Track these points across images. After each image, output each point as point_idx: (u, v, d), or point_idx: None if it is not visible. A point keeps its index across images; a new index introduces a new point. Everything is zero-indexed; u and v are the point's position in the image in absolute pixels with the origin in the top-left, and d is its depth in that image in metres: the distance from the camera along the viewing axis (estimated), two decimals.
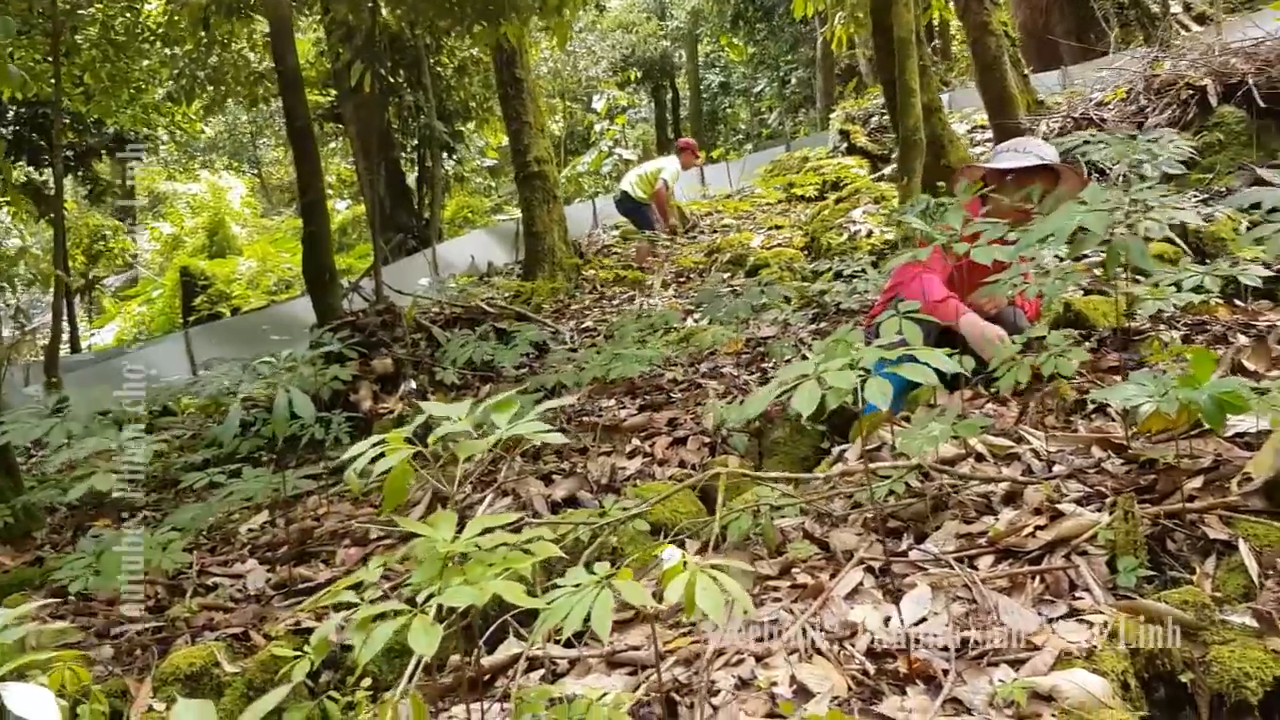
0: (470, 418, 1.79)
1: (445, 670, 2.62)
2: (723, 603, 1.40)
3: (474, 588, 1.42)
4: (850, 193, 9.66)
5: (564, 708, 1.56)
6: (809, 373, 1.81)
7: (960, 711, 1.88)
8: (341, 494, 4.22)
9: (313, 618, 2.89)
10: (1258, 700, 1.96)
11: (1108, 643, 1.99)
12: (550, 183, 10.41)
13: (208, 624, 3.13)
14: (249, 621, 3.08)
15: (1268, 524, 2.31)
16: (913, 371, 1.97)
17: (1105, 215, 2.50)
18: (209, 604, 3.27)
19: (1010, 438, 3.01)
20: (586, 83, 22.03)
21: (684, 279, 8.96)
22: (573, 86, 21.99)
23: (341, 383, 5.02)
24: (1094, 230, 2.49)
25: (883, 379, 1.75)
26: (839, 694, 1.99)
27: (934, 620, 2.19)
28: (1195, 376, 2.28)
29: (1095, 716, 1.80)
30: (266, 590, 3.39)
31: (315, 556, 3.63)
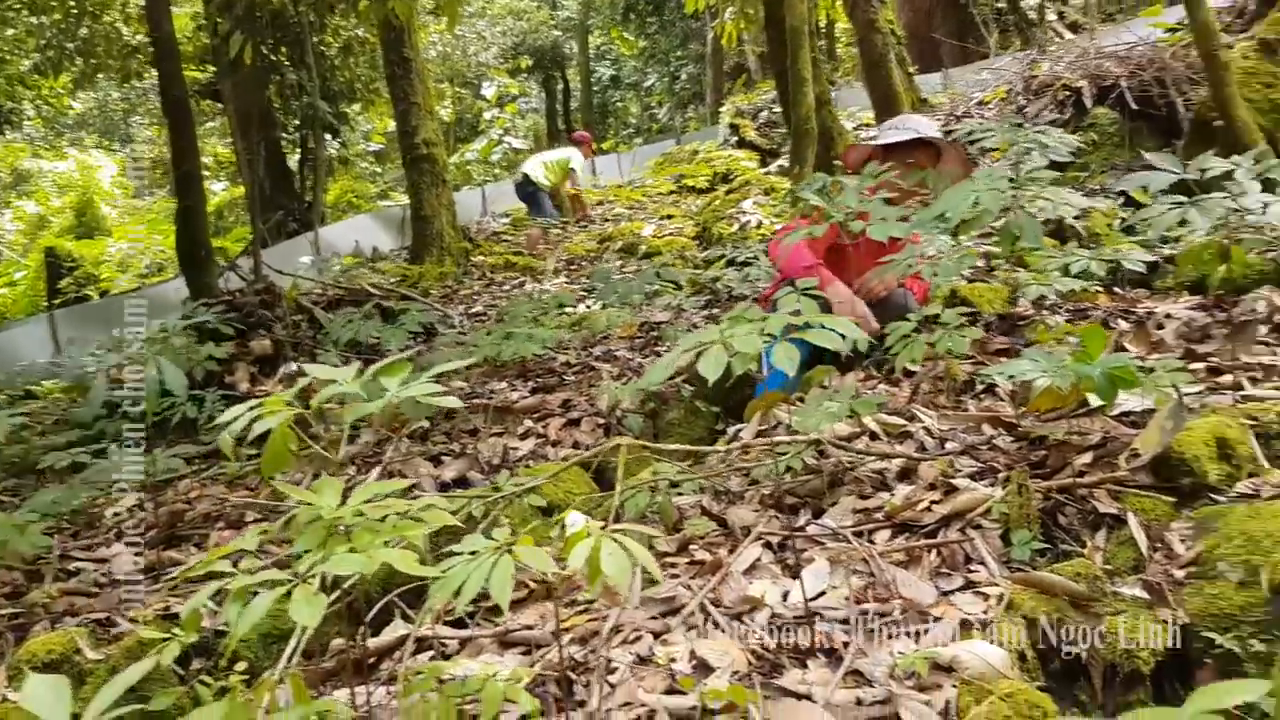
0: (357, 381, 1.69)
1: (327, 654, 2.51)
2: (629, 569, 1.34)
3: (362, 556, 1.33)
4: (740, 184, 9.71)
5: (456, 685, 1.47)
6: (714, 339, 1.75)
7: (861, 683, 1.86)
8: (215, 477, 4.03)
9: (182, 601, 2.73)
10: (1149, 670, 1.99)
11: (1005, 614, 1.99)
12: (439, 165, 10.21)
13: (69, 610, 2.93)
14: (113, 606, 2.90)
15: (1155, 498, 2.36)
16: (819, 337, 1.94)
17: (1001, 194, 2.52)
18: (70, 589, 3.07)
19: (903, 416, 3.01)
20: (476, 69, 21.74)
21: (575, 266, 8.88)
22: (462, 70, 21.66)
23: (216, 362, 4.82)
24: (990, 208, 2.50)
25: (790, 345, 1.71)
26: (739, 669, 1.95)
27: (833, 594, 2.17)
28: (1087, 353, 2.31)
29: (994, 687, 1.79)
30: (133, 575, 3.19)
31: (186, 540, 3.45)
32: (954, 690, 1.79)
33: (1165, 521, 2.29)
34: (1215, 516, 2.25)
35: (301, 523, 1.46)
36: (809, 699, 1.82)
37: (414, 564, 1.34)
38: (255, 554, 1.54)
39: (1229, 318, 3.66)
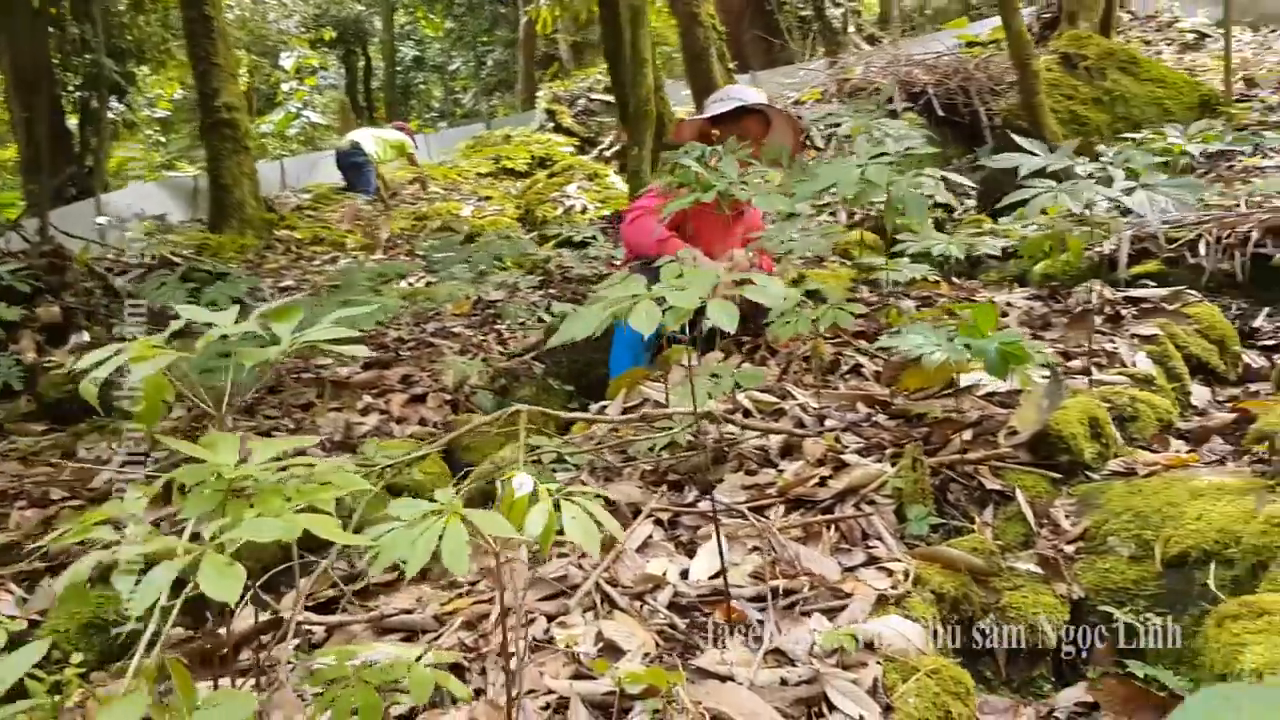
0: (242, 324, 1.46)
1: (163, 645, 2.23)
2: (597, 534, 1.19)
3: (280, 520, 1.12)
4: (563, 168, 9.57)
5: (374, 670, 1.28)
6: (640, 294, 1.62)
7: (784, 662, 1.76)
8: (7, 453, 3.58)
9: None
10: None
11: (913, 589, 1.94)
12: (241, 132, 9.62)
13: None
14: None
15: (1035, 475, 2.38)
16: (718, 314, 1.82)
17: (886, 168, 2.49)
18: None
19: (774, 394, 2.96)
20: (277, 37, 20.67)
21: (392, 244, 8.52)
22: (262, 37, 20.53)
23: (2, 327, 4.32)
24: (876, 181, 2.47)
25: (727, 303, 1.59)
26: (649, 650, 1.82)
27: (735, 571, 2.07)
28: (978, 329, 2.30)
29: (918, 663, 1.73)
30: None
31: None
32: (879, 668, 1.72)
33: (1048, 498, 2.31)
34: (1096, 493, 2.29)
35: (192, 484, 1.24)
36: (730, 680, 1.71)
37: (336, 529, 1.15)
38: (131, 521, 1.29)
39: (1065, 308, 3.81)
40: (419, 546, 1.09)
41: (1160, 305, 3.71)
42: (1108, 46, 7.28)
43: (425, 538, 1.10)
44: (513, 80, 28.95)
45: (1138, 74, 6.99)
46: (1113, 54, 7.13)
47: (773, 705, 1.64)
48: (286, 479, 1.23)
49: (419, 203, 10.71)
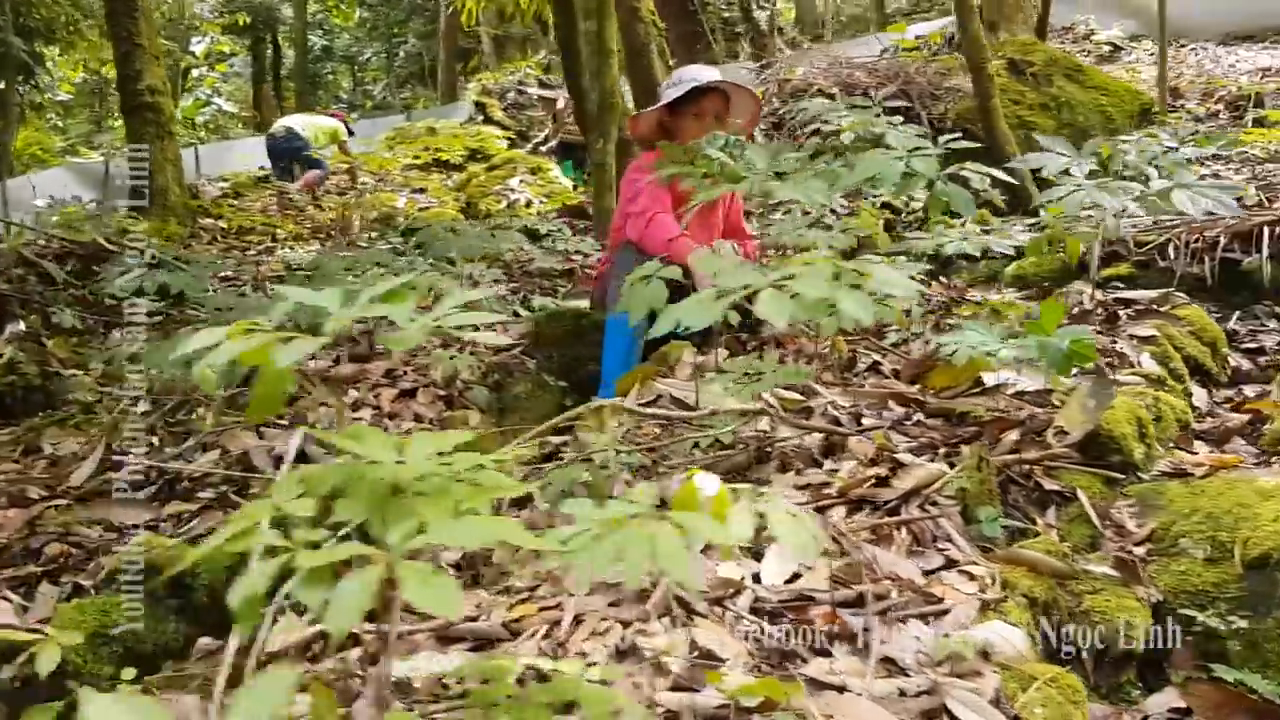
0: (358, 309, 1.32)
1: (194, 655, 2.06)
2: (811, 538, 1.09)
3: (479, 523, 1.00)
4: (504, 161, 9.40)
5: (541, 689, 1.15)
6: (764, 280, 1.52)
7: (894, 671, 1.68)
8: None
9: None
10: (1140, 650, 1.94)
11: (1008, 595, 1.88)
12: (165, 116, 9.22)
13: None
14: None
15: (1088, 475, 2.35)
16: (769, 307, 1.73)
17: (934, 160, 2.43)
18: None
19: (797, 391, 2.89)
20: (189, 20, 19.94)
21: (324, 235, 8.25)
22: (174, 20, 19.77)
23: None
24: (924, 173, 2.41)
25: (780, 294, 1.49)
26: (744, 658, 1.73)
27: (811, 575, 1.99)
28: (1042, 325, 2.25)
29: (1034, 670, 1.67)
30: None
31: None
32: (996, 676, 1.65)
33: (1109, 498, 2.28)
34: (1153, 494, 2.27)
35: (344, 485, 1.10)
36: (844, 690, 1.63)
37: (524, 534, 1.03)
38: (289, 523, 1.14)
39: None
40: (633, 553, 0.98)
41: (1151, 307, 3.74)
42: (1053, 54, 7.41)
43: (637, 544, 0.99)
44: (425, 73, 28.50)
45: (1082, 81, 7.12)
46: (1058, 61, 7.26)
47: (897, 718, 1.56)
48: (451, 478, 1.10)
49: (348, 193, 10.40)
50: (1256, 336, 3.99)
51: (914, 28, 10.93)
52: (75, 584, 2.26)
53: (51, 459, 3.06)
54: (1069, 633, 1.92)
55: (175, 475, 2.73)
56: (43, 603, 2.24)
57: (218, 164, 15.03)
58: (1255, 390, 3.40)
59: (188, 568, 2.38)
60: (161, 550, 2.33)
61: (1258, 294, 4.33)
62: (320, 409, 3.18)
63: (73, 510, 2.57)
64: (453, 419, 3.22)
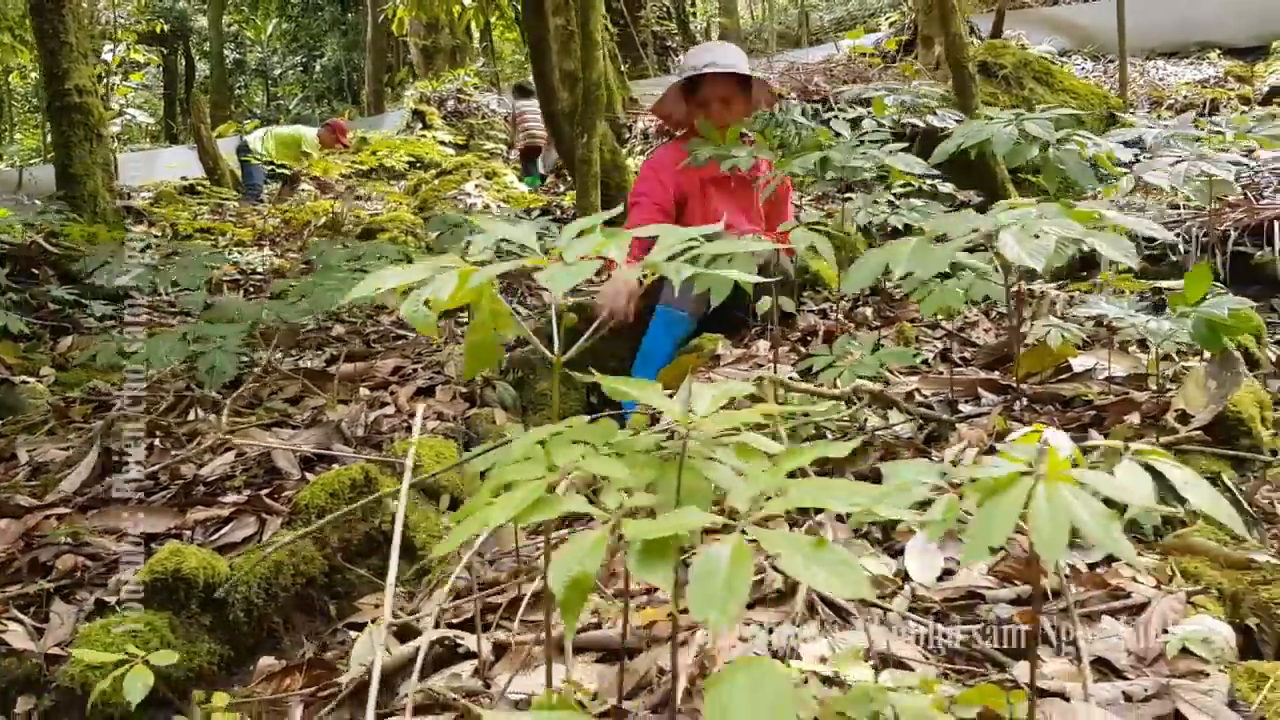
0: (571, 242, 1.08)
1: (256, 678, 1.77)
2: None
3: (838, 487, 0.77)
4: (457, 166, 9.10)
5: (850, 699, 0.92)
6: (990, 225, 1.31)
7: (1109, 673, 1.48)
8: None
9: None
10: None
11: (1201, 586, 1.70)
12: (95, 118, 8.70)
13: None
14: None
15: (1216, 459, 2.19)
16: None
17: (1049, 123, 2.26)
18: None
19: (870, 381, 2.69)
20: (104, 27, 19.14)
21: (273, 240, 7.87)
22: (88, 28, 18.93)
23: None
24: (1041, 135, 2.23)
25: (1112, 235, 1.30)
26: (925, 663, 1.51)
27: (966, 572, 1.78)
28: (1184, 297, 2.09)
29: (1263, 669, 1.48)
30: None
31: None
32: (1223, 676, 1.46)
33: (1255, 484, 2.12)
34: None
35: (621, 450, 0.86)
36: (1060, 696, 1.42)
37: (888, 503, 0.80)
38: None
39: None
40: (1051, 516, 0.76)
41: None
42: (1023, 56, 7.39)
43: (1053, 505, 0.77)
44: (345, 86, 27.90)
45: (1052, 84, 7.11)
46: (1028, 64, 7.25)
47: None
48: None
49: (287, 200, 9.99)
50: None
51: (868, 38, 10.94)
52: (97, 600, 1.95)
53: (32, 466, 2.72)
54: (1258, 625, 1.74)
55: (191, 479, 2.42)
56: (59, 623, 1.92)
57: (139, 174, 14.48)
58: None
59: (222, 580, 2.08)
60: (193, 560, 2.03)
61: (1271, 287, 4.28)
62: (339, 408, 2.89)
63: (78, 519, 2.24)
64: (479, 416, 2.95)
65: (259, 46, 31.23)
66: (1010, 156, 2.25)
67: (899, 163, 2.30)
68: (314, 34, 26.51)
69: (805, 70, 9.56)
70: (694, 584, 0.68)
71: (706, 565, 0.68)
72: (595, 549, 0.72)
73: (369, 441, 2.68)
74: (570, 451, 0.84)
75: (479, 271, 0.91)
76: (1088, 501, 0.77)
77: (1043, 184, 3.47)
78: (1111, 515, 0.77)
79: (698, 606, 0.66)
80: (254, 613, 2.09)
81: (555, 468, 0.82)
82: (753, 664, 0.54)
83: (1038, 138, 2.20)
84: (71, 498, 2.42)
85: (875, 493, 0.78)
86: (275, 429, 2.80)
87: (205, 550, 2.05)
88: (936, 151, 2.35)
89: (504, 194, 8.32)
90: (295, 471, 2.48)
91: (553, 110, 6.49)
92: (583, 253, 1.00)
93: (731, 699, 0.52)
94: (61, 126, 8.70)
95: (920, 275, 1.35)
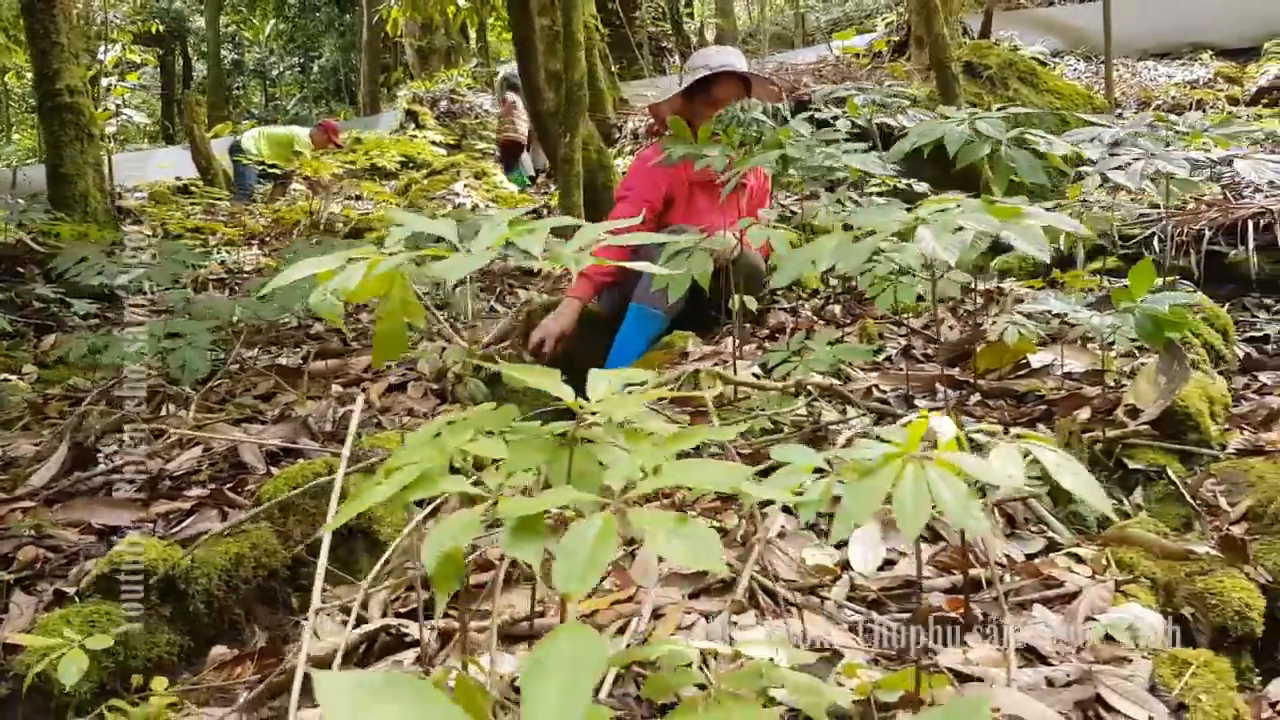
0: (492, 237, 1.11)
1: (208, 666, 1.81)
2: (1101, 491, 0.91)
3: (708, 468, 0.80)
4: (446, 166, 9.12)
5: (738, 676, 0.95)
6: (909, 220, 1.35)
7: (1035, 660, 1.51)
8: None
9: None
10: (1261, 633, 1.81)
11: (1132, 576, 1.73)
12: (86, 118, 8.73)
13: None
14: None
15: (1164, 454, 2.22)
16: None
17: (1001, 122, 2.29)
18: None
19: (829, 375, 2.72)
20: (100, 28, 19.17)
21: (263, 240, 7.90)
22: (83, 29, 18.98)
23: None
24: (991, 134, 2.26)
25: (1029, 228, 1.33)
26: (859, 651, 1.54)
27: (905, 561, 1.81)
28: (1129, 293, 2.12)
29: (1186, 655, 1.51)
30: None
31: None
32: (1146, 663, 1.49)
33: (1199, 477, 2.15)
34: (1238, 472, 2.15)
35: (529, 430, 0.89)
36: (984, 681, 1.45)
37: (756, 483, 0.83)
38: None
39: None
40: (913, 498, 0.79)
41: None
42: (1008, 57, 7.42)
43: (914, 487, 0.80)
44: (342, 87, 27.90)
45: (1037, 84, 7.14)
46: (1013, 65, 7.28)
47: (1050, 710, 1.39)
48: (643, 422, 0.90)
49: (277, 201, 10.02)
50: (1254, 325, 3.95)
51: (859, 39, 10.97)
52: (57, 591, 1.98)
53: (4, 461, 2.75)
54: (1192, 615, 1.77)
55: (157, 473, 2.45)
56: (18, 613, 1.95)
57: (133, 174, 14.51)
58: (1270, 377, 3.33)
59: (182, 571, 2.11)
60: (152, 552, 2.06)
61: (1245, 286, 4.32)
62: (309, 404, 2.92)
63: (42, 512, 2.27)
64: (449, 413, 2.98)
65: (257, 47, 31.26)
66: (962, 154, 2.27)
67: (856, 161, 2.33)
68: (311, 34, 26.52)
69: (795, 71, 9.57)
70: (560, 558, 0.71)
71: (573, 540, 0.72)
72: (468, 527, 0.75)
73: (335, 437, 2.71)
74: (463, 435, 0.87)
75: (384, 261, 0.94)
76: (951, 483, 0.80)
77: (1027, 183, 3.50)
78: (972, 495, 0.80)
79: (560, 578, 0.70)
80: (214, 604, 2.12)
81: (444, 451, 0.85)
82: (576, 629, 0.57)
83: (989, 136, 2.23)
84: (39, 491, 2.45)
85: (747, 474, 0.81)
86: (245, 425, 2.84)
87: (165, 542, 2.08)
88: (892, 150, 2.38)
89: (493, 194, 8.35)
90: (261, 466, 2.51)
91: (539, 110, 6.53)
92: (488, 243, 1.03)
93: (548, 655, 0.55)
94: (52, 126, 8.74)
95: (842, 269, 1.38)
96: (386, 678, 0.51)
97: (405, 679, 0.51)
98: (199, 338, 2.78)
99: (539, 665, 0.54)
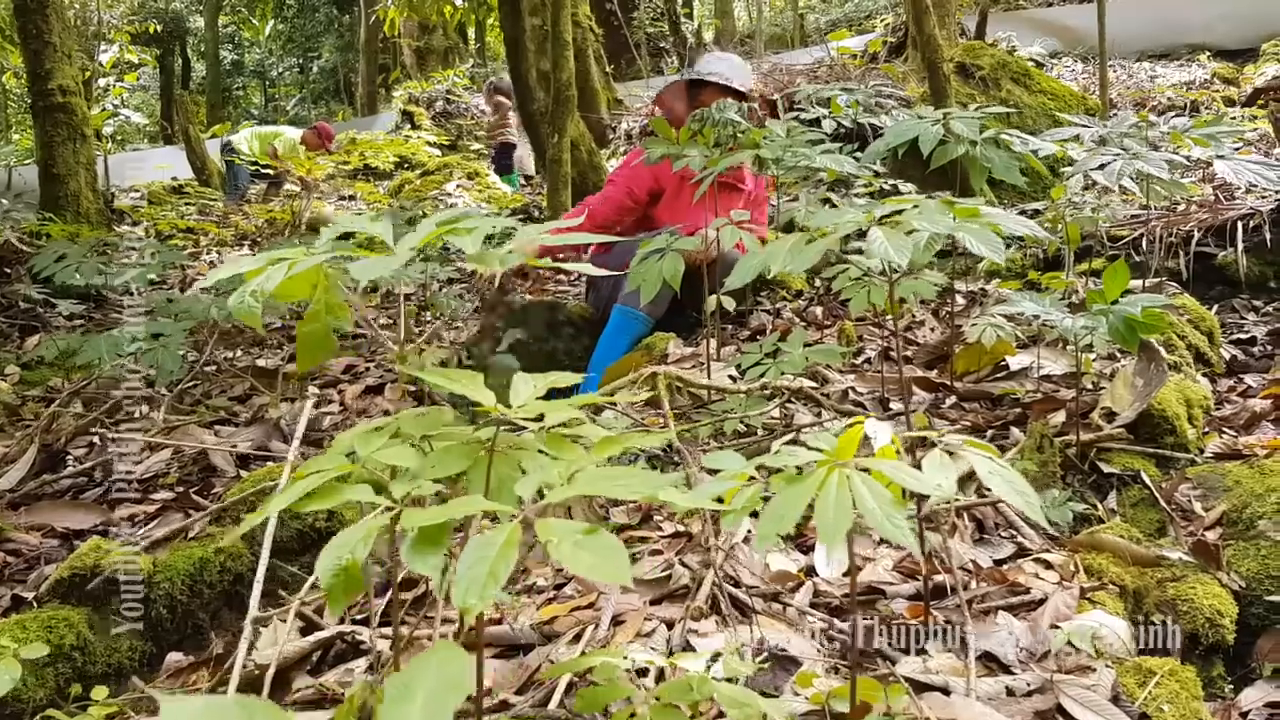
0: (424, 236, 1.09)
1: (162, 673, 1.78)
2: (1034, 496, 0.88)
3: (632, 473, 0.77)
4: (439, 167, 9.10)
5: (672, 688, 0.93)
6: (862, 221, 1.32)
7: (997, 669, 1.49)
8: None
9: None
10: (1233, 639, 1.78)
11: (1099, 583, 1.70)
12: (78, 118, 8.71)
13: None
14: None
15: (1141, 458, 2.19)
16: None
17: (976, 122, 2.26)
18: None
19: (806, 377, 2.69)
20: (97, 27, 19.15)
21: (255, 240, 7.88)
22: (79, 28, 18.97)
23: None
24: (965, 134, 2.24)
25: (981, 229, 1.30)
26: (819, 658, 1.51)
27: (872, 566, 1.79)
28: (1102, 294, 2.09)
29: (1152, 664, 1.49)
30: None
31: None
32: (1109, 671, 1.46)
33: (1174, 481, 2.12)
34: (1214, 476, 2.12)
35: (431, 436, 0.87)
36: (944, 691, 1.42)
37: (679, 492, 0.80)
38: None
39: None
40: (835, 507, 0.76)
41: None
42: (1001, 58, 7.38)
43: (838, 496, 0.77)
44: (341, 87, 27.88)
45: (1030, 85, 7.10)
46: (1006, 65, 7.24)
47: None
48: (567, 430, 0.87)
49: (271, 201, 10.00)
50: (1242, 328, 3.92)
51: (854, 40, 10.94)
52: (14, 596, 1.96)
53: None
54: (1161, 622, 1.74)
55: (125, 476, 2.43)
56: None
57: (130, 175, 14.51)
58: (1255, 379, 3.30)
59: (144, 576, 2.09)
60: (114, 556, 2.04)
61: (1233, 287, 4.28)
62: (282, 405, 2.90)
63: (6, 515, 2.25)
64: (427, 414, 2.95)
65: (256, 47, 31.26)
66: (937, 154, 2.25)
67: (830, 162, 2.31)
68: (310, 35, 26.51)
69: (790, 72, 9.54)
70: (461, 569, 0.68)
71: (476, 552, 0.69)
72: (366, 538, 0.73)
73: (308, 439, 2.69)
74: (373, 443, 0.85)
75: (303, 260, 0.92)
76: (876, 490, 0.77)
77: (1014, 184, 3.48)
78: (896, 503, 0.77)
79: (458, 594, 0.67)
80: (177, 609, 2.10)
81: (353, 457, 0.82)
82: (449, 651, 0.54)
83: (963, 136, 2.20)
84: (4, 494, 2.42)
85: (663, 481, 0.78)
86: (217, 427, 2.81)
87: (127, 547, 2.06)
88: (868, 151, 2.35)
89: (485, 194, 8.33)
90: (230, 469, 2.48)
91: (529, 110, 6.51)
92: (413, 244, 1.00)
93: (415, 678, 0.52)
94: (45, 126, 8.71)
95: (794, 270, 1.35)
96: (237, 703, 0.48)
97: (255, 705, 0.48)
98: (172, 339, 2.76)
99: (405, 688, 0.51)
